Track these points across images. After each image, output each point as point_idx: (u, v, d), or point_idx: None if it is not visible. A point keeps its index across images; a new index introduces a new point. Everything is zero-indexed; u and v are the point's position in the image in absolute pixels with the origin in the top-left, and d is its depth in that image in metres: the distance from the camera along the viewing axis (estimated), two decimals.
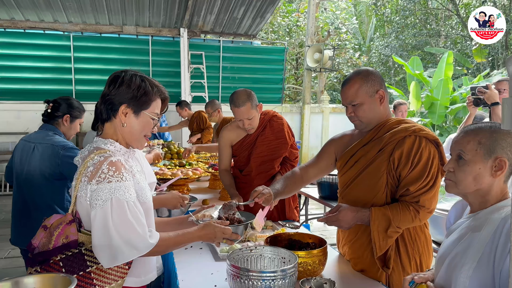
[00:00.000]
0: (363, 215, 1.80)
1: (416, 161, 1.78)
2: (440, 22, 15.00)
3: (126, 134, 1.55)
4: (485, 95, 2.91)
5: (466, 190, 1.37)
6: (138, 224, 1.42)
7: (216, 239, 1.62)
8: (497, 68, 11.70)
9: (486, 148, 1.31)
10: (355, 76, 1.89)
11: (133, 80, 1.52)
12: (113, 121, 1.54)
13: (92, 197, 1.39)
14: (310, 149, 11.21)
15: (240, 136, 2.84)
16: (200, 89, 9.23)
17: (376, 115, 1.90)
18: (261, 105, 2.75)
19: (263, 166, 2.80)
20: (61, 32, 8.47)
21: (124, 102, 1.50)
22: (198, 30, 8.85)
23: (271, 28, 15.52)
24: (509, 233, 1.22)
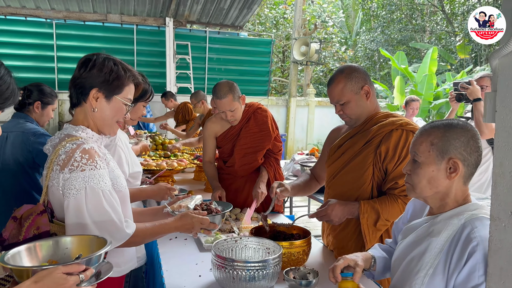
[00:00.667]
0: (352, 208, 1.82)
1: (404, 155, 1.80)
2: (425, 17, 15.15)
3: (97, 120, 1.50)
4: (468, 91, 2.95)
5: (422, 194, 1.31)
6: (115, 213, 1.39)
7: (194, 230, 1.59)
8: (480, 64, 11.90)
9: (439, 149, 1.25)
10: (338, 75, 1.91)
11: (105, 63, 1.46)
12: (84, 106, 1.49)
13: (65, 186, 1.34)
14: (295, 142, 11.26)
15: (225, 128, 2.84)
16: (185, 80, 9.15)
17: (365, 110, 1.93)
18: (244, 96, 2.75)
19: (246, 158, 2.81)
20: (43, 19, 8.27)
21: (95, 86, 1.45)
22: (184, 20, 8.75)
23: (258, 19, 15.45)
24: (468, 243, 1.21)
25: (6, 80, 1.07)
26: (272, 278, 1.53)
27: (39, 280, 1.01)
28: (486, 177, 3.11)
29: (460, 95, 3.04)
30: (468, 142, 1.25)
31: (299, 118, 11.26)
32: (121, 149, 2.11)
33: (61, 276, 1.03)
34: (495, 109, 1.09)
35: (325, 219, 1.85)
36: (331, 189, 2.02)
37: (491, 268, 1.14)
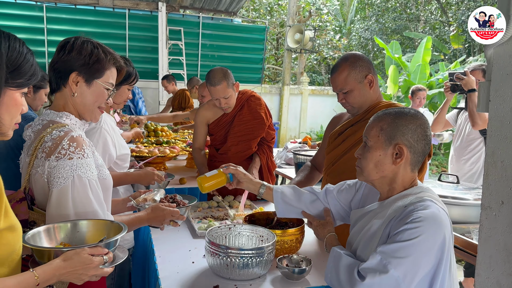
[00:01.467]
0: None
1: None
2: (419, 7, 15.11)
3: (78, 105, 1.45)
4: (462, 82, 2.96)
5: (369, 177, 1.35)
6: (99, 205, 1.37)
7: (164, 222, 1.61)
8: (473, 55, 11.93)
9: (387, 134, 1.29)
10: (343, 63, 1.90)
11: (85, 46, 1.42)
12: (63, 91, 1.44)
13: (51, 174, 1.31)
14: (288, 130, 11.27)
15: (217, 115, 2.83)
16: (178, 66, 9.07)
17: (367, 99, 1.93)
18: (238, 84, 2.73)
19: (240, 146, 2.81)
20: (34, 2, 8.11)
21: (75, 70, 1.40)
22: (177, 4, 8.63)
23: (252, 6, 15.30)
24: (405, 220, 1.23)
25: (29, 59, 1.06)
26: (266, 265, 1.54)
27: (67, 259, 1.07)
28: (478, 166, 3.14)
29: (455, 86, 3.05)
30: (416, 129, 1.28)
31: (292, 106, 11.25)
32: (106, 132, 2.09)
33: (87, 257, 1.09)
34: (488, 99, 1.10)
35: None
36: (330, 176, 2.02)
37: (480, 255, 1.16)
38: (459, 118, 3.33)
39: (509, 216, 1.05)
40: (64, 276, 1.08)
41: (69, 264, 1.07)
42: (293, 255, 1.67)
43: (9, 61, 0.98)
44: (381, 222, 1.30)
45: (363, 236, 1.36)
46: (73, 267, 1.07)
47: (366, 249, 1.32)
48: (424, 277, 1.20)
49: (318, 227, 1.60)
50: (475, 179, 3.13)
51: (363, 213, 1.43)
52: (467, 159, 3.19)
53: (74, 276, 1.09)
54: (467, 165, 3.19)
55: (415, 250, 1.16)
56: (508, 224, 1.05)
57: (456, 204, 2.23)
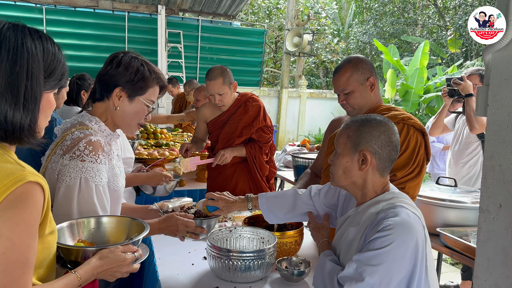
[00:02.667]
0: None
1: (404, 148, 1.81)
2: (417, 11, 15.18)
3: (117, 118, 1.50)
4: (460, 87, 2.98)
5: (340, 183, 1.39)
6: (102, 210, 1.39)
7: (179, 233, 1.55)
8: (471, 59, 12.00)
9: (353, 141, 1.33)
10: (346, 64, 1.92)
11: (132, 63, 1.47)
12: (106, 102, 1.50)
13: (61, 171, 1.35)
14: (286, 133, 11.29)
15: (215, 114, 2.88)
16: (177, 69, 9.09)
17: (368, 102, 1.94)
18: (236, 84, 2.76)
19: (227, 144, 2.84)
20: (33, 4, 8.11)
21: (120, 85, 1.45)
22: (176, 7, 8.65)
23: (251, 9, 15.34)
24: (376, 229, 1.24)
25: (60, 59, 1.05)
26: (267, 268, 1.55)
27: (103, 257, 1.12)
28: (476, 170, 3.16)
29: (452, 91, 3.06)
30: (379, 136, 1.31)
31: (291, 109, 11.28)
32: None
33: (121, 255, 1.14)
34: (487, 103, 1.11)
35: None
36: (328, 178, 2.03)
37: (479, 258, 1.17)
38: (457, 122, 3.36)
39: (507, 219, 1.06)
40: (101, 274, 1.12)
41: (105, 262, 1.11)
42: (292, 257, 1.69)
43: (45, 66, 0.99)
44: (357, 230, 1.32)
45: (343, 242, 1.39)
46: (109, 265, 1.12)
47: (346, 256, 1.34)
48: (400, 282, 1.22)
49: (313, 230, 1.61)
50: (472, 182, 3.15)
51: (344, 219, 1.45)
52: (465, 163, 3.22)
53: (109, 273, 1.13)
54: (465, 169, 3.21)
55: (387, 257, 1.19)
56: (506, 227, 1.06)
57: (454, 207, 2.25)
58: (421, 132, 1.86)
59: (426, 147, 1.86)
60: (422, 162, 1.84)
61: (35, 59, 0.96)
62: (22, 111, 0.93)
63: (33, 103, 0.95)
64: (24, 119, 0.93)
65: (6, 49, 0.92)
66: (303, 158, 3.70)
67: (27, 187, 0.88)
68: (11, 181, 0.87)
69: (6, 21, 0.98)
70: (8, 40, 0.93)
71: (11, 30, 0.96)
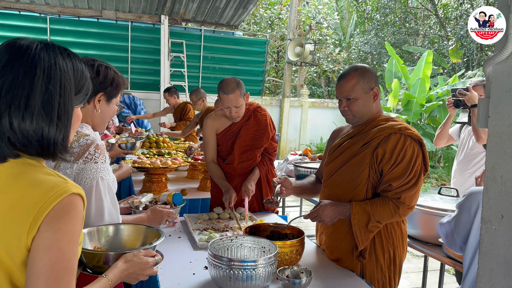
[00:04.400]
0: (343, 209, 1.85)
1: (400, 158, 1.82)
2: (418, 21, 15.26)
3: (97, 119, 1.71)
4: (465, 97, 2.98)
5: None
6: (112, 204, 1.59)
7: (162, 222, 1.94)
8: (472, 69, 12.02)
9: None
10: (353, 71, 1.94)
11: (108, 71, 1.71)
12: (86, 107, 1.68)
13: (79, 175, 1.52)
14: (288, 142, 11.30)
15: (225, 125, 2.84)
16: (180, 78, 9.14)
17: (369, 111, 1.96)
18: (248, 94, 2.77)
19: (245, 155, 2.82)
20: (38, 14, 8.20)
21: (101, 91, 1.67)
22: (179, 17, 8.73)
23: (253, 19, 15.44)
24: None
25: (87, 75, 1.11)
26: (268, 277, 1.55)
27: (128, 261, 1.24)
28: None
29: (458, 101, 3.06)
30: None
31: (293, 118, 11.30)
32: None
33: (144, 258, 1.26)
34: (488, 115, 1.12)
35: (317, 219, 1.88)
36: (327, 188, 2.04)
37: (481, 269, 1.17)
38: (462, 132, 3.36)
39: (509, 230, 1.06)
40: (126, 277, 1.23)
41: (130, 265, 1.23)
42: (293, 266, 1.68)
43: (75, 82, 1.04)
44: None
45: None
46: (133, 268, 1.24)
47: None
48: None
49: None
50: None
51: None
52: (471, 173, 3.21)
53: (133, 276, 1.25)
54: (471, 179, 3.20)
55: None
56: (508, 238, 1.06)
57: None
58: (419, 142, 1.88)
59: (424, 157, 1.87)
60: (419, 172, 1.85)
61: (67, 76, 1.01)
62: (56, 127, 0.98)
63: (65, 118, 1.00)
64: (58, 135, 0.99)
65: (41, 69, 0.97)
66: (305, 168, 3.71)
67: (71, 199, 0.94)
68: (56, 193, 0.92)
69: (38, 41, 1.02)
70: (42, 60, 0.97)
71: (44, 50, 0.99)
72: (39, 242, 0.90)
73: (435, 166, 9.58)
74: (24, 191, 0.93)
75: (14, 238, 0.91)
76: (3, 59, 0.96)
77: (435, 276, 3.85)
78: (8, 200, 0.93)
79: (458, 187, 3.13)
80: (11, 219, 0.91)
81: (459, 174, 3.29)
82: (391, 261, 1.93)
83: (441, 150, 9.37)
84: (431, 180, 8.93)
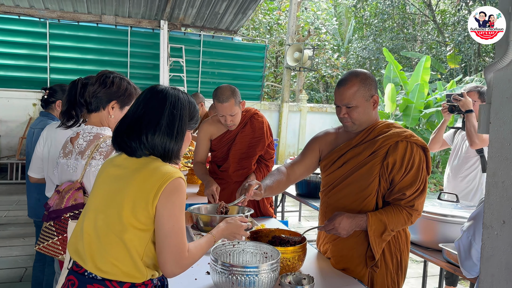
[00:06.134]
0: (360, 221, 1.81)
1: (410, 166, 1.81)
2: (416, 27, 15.34)
3: (112, 124, 1.96)
4: (460, 103, 3.01)
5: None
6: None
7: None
8: (469, 74, 12.08)
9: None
10: (353, 78, 1.86)
11: (121, 82, 1.96)
12: (101, 112, 1.95)
13: None
14: (287, 147, 11.31)
15: (221, 131, 2.82)
16: (179, 83, 9.16)
17: (369, 119, 1.92)
18: (244, 102, 2.75)
19: (240, 163, 2.81)
20: (37, 19, 8.22)
21: (114, 99, 1.94)
22: (178, 23, 8.76)
23: (252, 25, 15.51)
24: None
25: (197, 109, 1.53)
26: (271, 283, 1.54)
27: (227, 223, 1.65)
28: (474, 184, 3.18)
29: (452, 107, 3.10)
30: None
31: (291, 123, 11.32)
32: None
33: (239, 223, 1.67)
34: (489, 121, 1.13)
35: (333, 232, 1.83)
36: (331, 199, 1.99)
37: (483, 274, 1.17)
38: (456, 137, 3.38)
39: (510, 235, 1.07)
40: (226, 235, 1.64)
41: (229, 226, 1.64)
42: (295, 272, 1.68)
43: (189, 112, 1.47)
44: None
45: None
46: (232, 229, 1.64)
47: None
48: None
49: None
50: (471, 196, 3.16)
51: None
52: (463, 177, 3.23)
53: (231, 235, 1.65)
54: (463, 183, 3.23)
55: None
56: (509, 243, 1.07)
57: (456, 222, 2.24)
58: (423, 148, 1.87)
59: (427, 163, 1.88)
60: (425, 178, 1.85)
61: (185, 107, 1.45)
62: (174, 142, 1.41)
63: (181, 137, 1.43)
64: (174, 147, 1.41)
65: (169, 101, 1.42)
66: None
67: (179, 180, 1.35)
68: (169, 176, 1.33)
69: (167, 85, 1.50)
70: (170, 96, 1.44)
71: (171, 89, 1.47)
72: (162, 211, 1.31)
73: (433, 171, 9.59)
74: (151, 173, 1.34)
75: (142, 202, 1.31)
76: (148, 96, 1.43)
77: (435, 281, 3.85)
78: (141, 177, 1.34)
79: (451, 191, 3.15)
80: (142, 189, 1.32)
81: (452, 178, 3.32)
82: (398, 266, 1.92)
83: (440, 155, 9.39)
84: (429, 185, 8.94)
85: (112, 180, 1.40)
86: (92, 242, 1.35)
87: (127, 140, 1.40)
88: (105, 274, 1.32)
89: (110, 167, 1.45)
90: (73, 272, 1.38)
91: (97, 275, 1.32)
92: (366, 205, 1.87)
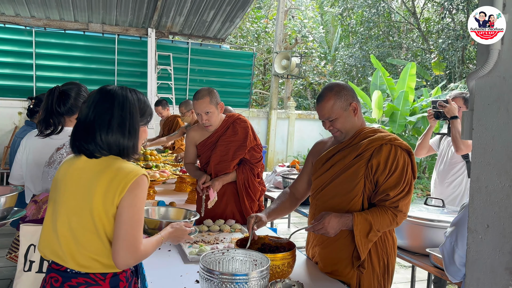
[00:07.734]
0: (346, 220, 1.86)
1: (394, 168, 1.88)
2: (402, 35, 15.57)
3: None
4: (445, 109, 3.06)
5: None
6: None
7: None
8: (454, 81, 12.28)
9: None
10: (328, 92, 1.98)
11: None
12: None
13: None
14: (275, 153, 11.33)
15: (204, 136, 2.90)
16: (167, 90, 9.13)
17: (353, 125, 2.01)
18: (223, 104, 2.82)
19: (219, 166, 2.83)
20: (23, 27, 8.13)
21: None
22: (166, 31, 8.76)
23: (240, 33, 15.57)
24: None
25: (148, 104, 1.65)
26: None
27: (173, 227, 1.75)
28: (460, 190, 3.22)
29: (438, 113, 3.15)
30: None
31: (280, 130, 11.36)
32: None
33: (183, 227, 1.78)
34: (472, 127, 1.16)
35: (321, 231, 1.87)
36: (320, 201, 2.05)
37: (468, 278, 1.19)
38: (442, 143, 3.43)
39: (494, 239, 1.09)
40: (171, 238, 1.73)
41: (175, 230, 1.74)
42: (285, 279, 1.68)
43: (139, 108, 1.57)
44: None
45: None
46: (177, 232, 1.74)
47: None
48: None
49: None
50: (457, 202, 3.20)
51: None
52: (449, 182, 3.27)
53: (176, 238, 1.75)
54: (449, 188, 3.27)
55: None
56: (494, 247, 1.09)
57: (443, 227, 2.27)
58: (408, 152, 1.94)
59: (412, 166, 1.92)
60: (410, 180, 1.91)
61: (133, 105, 1.54)
62: (128, 139, 1.51)
63: (134, 133, 1.53)
64: (129, 144, 1.52)
65: (118, 101, 1.51)
66: (293, 179, 3.72)
67: (142, 177, 1.46)
68: (134, 173, 1.44)
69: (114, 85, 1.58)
70: (118, 95, 1.52)
71: (119, 89, 1.55)
72: (123, 203, 1.41)
73: (420, 177, 9.69)
74: (115, 173, 1.44)
75: (110, 199, 1.41)
76: (96, 98, 1.51)
77: (423, 286, 3.88)
78: (106, 178, 1.43)
79: (437, 196, 3.19)
80: (109, 189, 1.41)
81: (439, 184, 3.36)
82: (385, 269, 1.96)
83: (426, 161, 9.50)
84: (416, 190, 9.03)
85: (78, 183, 1.48)
86: (70, 243, 1.44)
87: (84, 144, 1.49)
88: (87, 269, 1.44)
89: (73, 171, 1.52)
90: (54, 270, 1.47)
91: (80, 271, 1.44)
92: (352, 206, 1.93)
